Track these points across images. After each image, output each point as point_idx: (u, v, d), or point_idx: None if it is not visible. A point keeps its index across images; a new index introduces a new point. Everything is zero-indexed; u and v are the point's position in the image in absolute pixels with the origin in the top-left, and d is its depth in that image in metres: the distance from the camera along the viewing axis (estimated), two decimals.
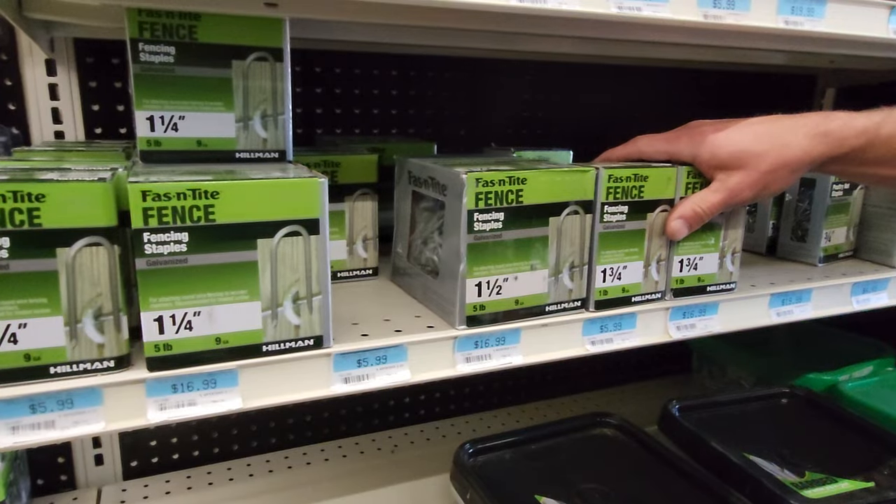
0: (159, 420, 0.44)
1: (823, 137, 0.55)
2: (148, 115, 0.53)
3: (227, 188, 0.43)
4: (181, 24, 0.52)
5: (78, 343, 0.42)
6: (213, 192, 0.43)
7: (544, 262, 0.55)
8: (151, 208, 0.41)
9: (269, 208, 0.45)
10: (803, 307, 0.70)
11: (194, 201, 0.42)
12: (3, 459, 0.72)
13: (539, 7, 0.47)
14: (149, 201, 0.41)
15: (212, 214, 0.43)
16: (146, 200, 0.41)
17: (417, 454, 1.01)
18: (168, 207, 0.42)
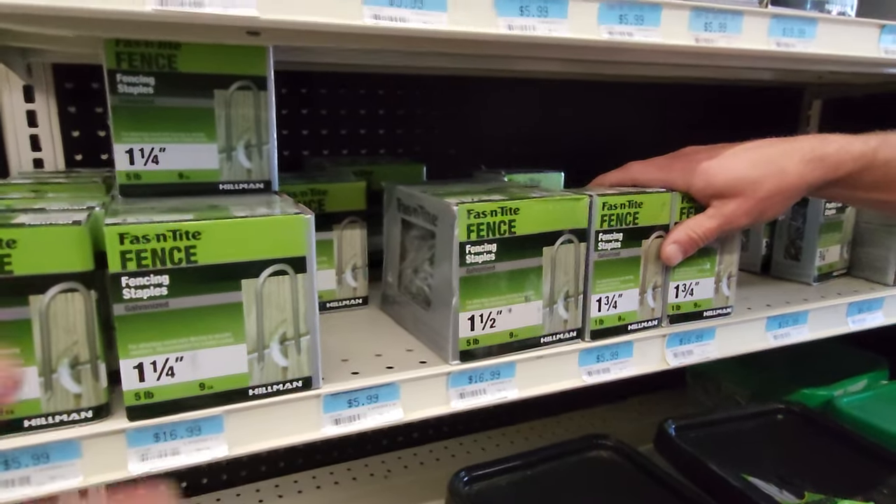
0: (141, 471, 0.42)
1: (820, 162, 0.54)
2: (127, 149, 0.51)
3: (208, 228, 0.41)
4: (161, 54, 0.51)
5: (53, 394, 0.40)
6: (194, 233, 0.41)
7: (538, 292, 0.54)
8: (129, 251, 0.40)
9: (254, 247, 0.43)
10: (800, 329, 0.69)
11: (175, 242, 0.41)
12: None
13: (529, 35, 0.46)
14: (127, 244, 0.39)
15: (193, 256, 0.41)
16: (124, 243, 0.39)
17: (411, 479, 0.99)
18: (147, 250, 0.40)
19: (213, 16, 0.38)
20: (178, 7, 0.37)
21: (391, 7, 0.42)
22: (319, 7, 0.40)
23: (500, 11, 0.45)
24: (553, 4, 0.47)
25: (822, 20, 0.59)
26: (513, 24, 0.46)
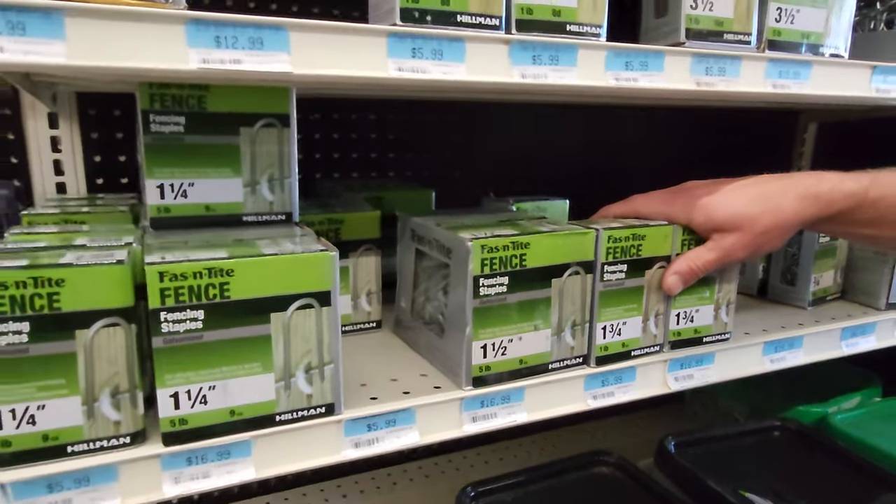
0: (175, 493, 0.45)
1: (814, 200, 0.57)
2: (158, 184, 0.54)
3: (241, 266, 0.44)
4: (191, 95, 0.54)
5: (95, 421, 0.43)
6: (228, 270, 0.44)
7: (547, 321, 0.57)
8: (168, 288, 0.42)
9: (282, 283, 0.46)
10: (795, 353, 0.72)
11: (210, 279, 0.43)
12: None
13: (541, 83, 0.49)
14: (166, 282, 0.42)
15: (227, 291, 0.44)
16: (164, 281, 0.42)
17: (417, 492, 1.02)
18: (185, 287, 0.43)
19: (252, 72, 0.41)
20: (219, 65, 0.40)
21: (413, 59, 0.45)
22: (347, 61, 0.43)
23: (514, 61, 0.48)
24: (563, 53, 0.50)
25: (816, 63, 0.62)
26: (526, 73, 0.49)
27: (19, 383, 0.40)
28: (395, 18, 0.47)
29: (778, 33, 0.62)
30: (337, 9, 0.88)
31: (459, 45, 0.47)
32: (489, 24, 0.50)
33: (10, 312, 0.39)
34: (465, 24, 0.50)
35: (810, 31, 0.64)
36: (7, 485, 0.41)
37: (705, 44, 0.59)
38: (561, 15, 0.53)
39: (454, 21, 0.49)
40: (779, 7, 0.62)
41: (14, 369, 0.40)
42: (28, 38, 0.35)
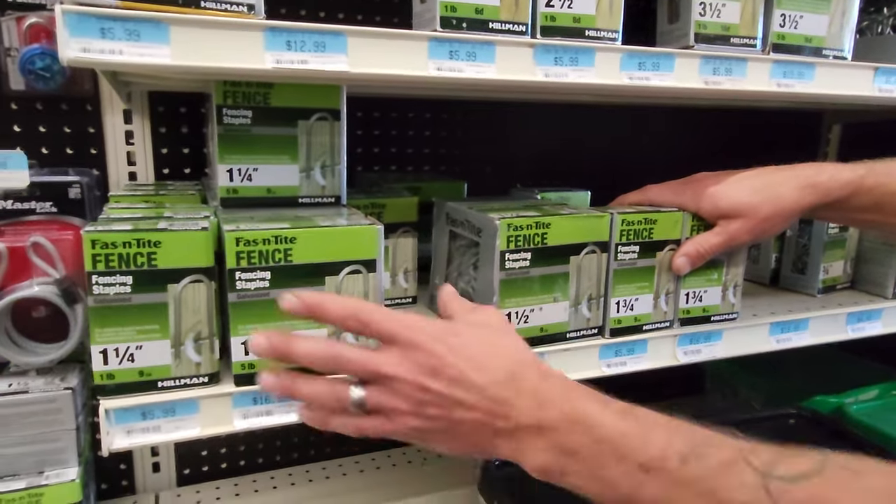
0: (243, 427, 0.53)
1: (813, 189, 0.63)
2: (228, 168, 0.62)
3: (302, 234, 0.52)
4: (258, 92, 0.62)
5: (180, 362, 0.51)
6: (291, 238, 0.52)
7: (566, 294, 0.63)
8: (242, 252, 0.50)
9: (336, 251, 0.54)
10: (801, 335, 0.77)
11: (276, 245, 0.51)
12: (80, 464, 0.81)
13: (562, 81, 0.56)
14: (241, 246, 0.50)
15: (290, 256, 0.52)
16: (239, 245, 0.50)
17: (446, 466, 1.09)
18: (256, 251, 0.51)
19: (315, 70, 0.48)
20: (289, 65, 0.48)
21: (451, 60, 0.53)
22: (394, 62, 0.51)
23: (539, 62, 0.55)
24: (582, 55, 0.57)
25: (819, 64, 0.68)
26: (549, 73, 0.56)
27: (123, 326, 0.49)
28: (435, 25, 0.55)
29: (782, 37, 0.68)
30: (378, 16, 0.96)
31: (491, 48, 0.54)
32: (517, 30, 0.58)
33: (118, 267, 0.48)
34: (496, 30, 0.57)
35: (813, 35, 0.70)
36: (111, 411, 0.49)
37: (713, 47, 0.65)
38: (581, 22, 0.60)
39: (486, 27, 0.57)
40: (783, 13, 0.67)
41: (119, 315, 0.49)
42: (142, 43, 0.44)
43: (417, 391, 0.44)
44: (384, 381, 0.45)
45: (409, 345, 0.44)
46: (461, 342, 0.45)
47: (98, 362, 0.49)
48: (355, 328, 0.46)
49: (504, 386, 0.45)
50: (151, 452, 0.98)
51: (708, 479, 0.40)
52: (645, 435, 0.43)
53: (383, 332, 0.45)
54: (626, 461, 0.42)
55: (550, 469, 0.44)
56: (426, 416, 0.44)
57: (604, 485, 0.43)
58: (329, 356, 0.45)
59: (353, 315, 0.45)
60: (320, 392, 0.46)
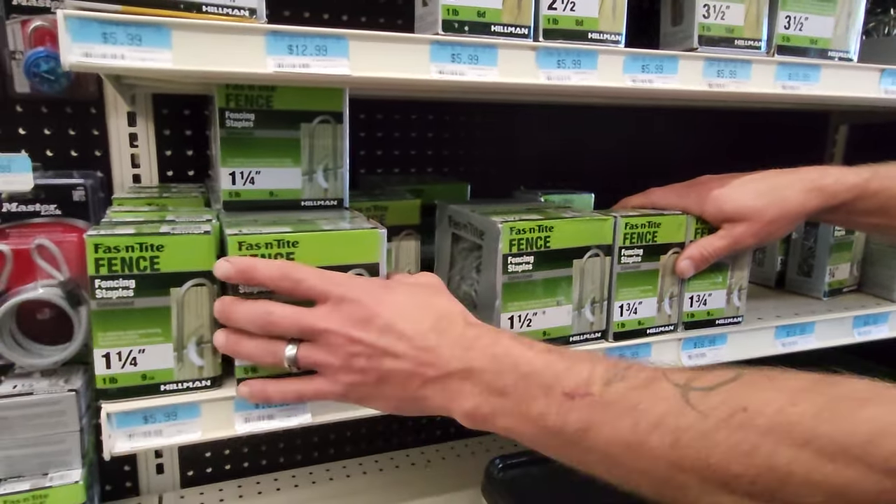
0: (245, 431, 0.53)
1: (818, 192, 0.63)
2: (230, 171, 0.62)
3: (305, 238, 0.52)
4: (260, 95, 0.62)
5: (183, 365, 0.51)
6: (293, 242, 0.52)
7: (569, 298, 0.63)
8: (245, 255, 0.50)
9: (339, 254, 0.53)
10: (807, 338, 0.76)
11: (279, 249, 0.51)
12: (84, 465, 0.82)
13: (564, 84, 0.56)
14: (243, 250, 0.50)
15: (292, 260, 0.52)
16: (241, 250, 0.50)
17: (449, 469, 1.09)
18: (258, 255, 0.51)
19: (317, 74, 0.48)
20: (290, 69, 0.48)
21: (453, 63, 0.53)
22: (396, 65, 0.51)
23: (541, 65, 0.55)
24: (585, 58, 0.57)
25: (825, 65, 0.67)
26: (551, 76, 0.55)
27: (125, 330, 0.49)
28: (437, 28, 0.55)
29: (787, 39, 0.68)
30: (382, 17, 0.96)
31: (493, 51, 0.54)
32: (519, 33, 0.57)
33: (121, 271, 0.48)
34: (498, 33, 0.57)
35: (818, 36, 0.69)
36: (112, 415, 0.49)
37: (717, 49, 0.65)
38: (583, 24, 0.59)
39: (488, 30, 0.56)
40: (788, 15, 0.67)
41: (122, 318, 0.49)
42: (143, 48, 0.44)
43: (347, 343, 0.45)
44: (316, 336, 0.46)
45: (340, 299, 0.46)
46: (391, 297, 0.47)
47: (101, 366, 0.49)
48: (287, 288, 0.47)
49: (431, 334, 0.46)
50: (155, 454, 0.98)
51: (630, 397, 0.41)
52: (569, 366, 0.44)
53: (315, 289, 0.47)
54: (552, 392, 0.43)
55: (480, 412, 0.45)
56: (357, 368, 0.46)
57: (532, 420, 0.43)
58: (261, 312, 0.47)
59: (284, 275, 0.47)
60: (257, 348, 0.48)
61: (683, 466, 0.38)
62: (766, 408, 0.36)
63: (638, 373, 0.42)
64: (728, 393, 0.38)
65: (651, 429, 0.39)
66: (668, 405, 0.39)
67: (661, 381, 0.41)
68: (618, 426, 0.40)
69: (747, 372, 0.40)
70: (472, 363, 0.45)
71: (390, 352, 0.45)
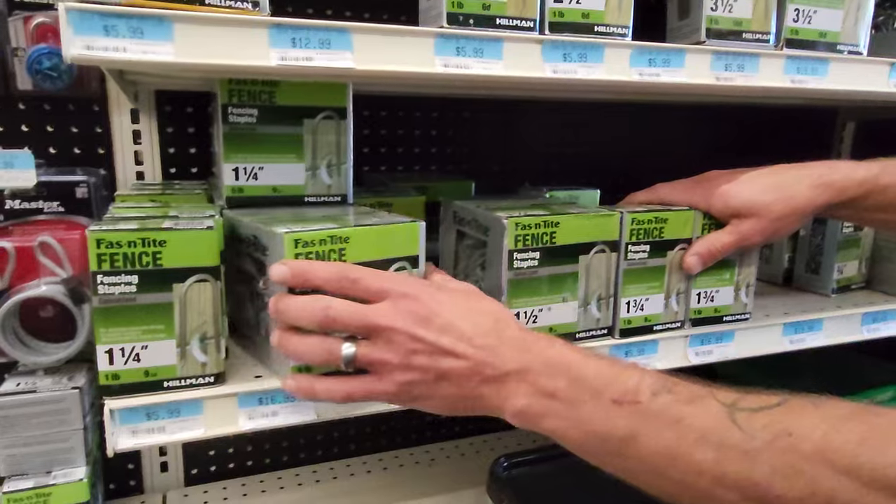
0: (249, 428, 0.52)
1: (827, 188, 0.62)
2: (233, 167, 0.62)
3: (355, 233, 0.51)
4: (263, 90, 0.62)
5: (186, 362, 0.51)
6: (345, 237, 0.51)
7: (575, 294, 0.63)
8: (301, 254, 0.49)
9: (385, 248, 0.53)
10: (815, 335, 0.76)
11: (332, 245, 0.51)
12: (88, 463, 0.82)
13: (571, 77, 0.55)
14: (300, 248, 0.49)
15: (343, 256, 0.51)
16: (297, 247, 0.49)
17: (453, 468, 1.08)
18: (313, 252, 0.50)
19: (321, 67, 0.48)
20: (294, 62, 0.47)
21: (457, 57, 0.52)
22: (400, 59, 0.51)
23: (546, 59, 0.55)
24: (591, 51, 0.56)
25: (834, 59, 0.67)
26: (557, 69, 0.55)
27: (128, 326, 0.49)
28: (441, 21, 0.54)
29: (796, 32, 0.67)
30: (386, 14, 0.96)
31: (498, 44, 0.53)
32: (525, 26, 0.57)
33: (123, 267, 0.47)
34: (503, 26, 0.56)
35: (827, 30, 0.68)
36: (115, 411, 0.49)
37: (725, 42, 0.64)
38: (590, 17, 0.59)
39: (493, 23, 0.56)
40: (796, 8, 0.66)
41: (124, 315, 0.48)
42: (145, 41, 0.43)
43: (409, 341, 0.45)
44: (376, 333, 0.46)
45: (400, 296, 0.46)
46: (447, 297, 0.48)
47: (103, 362, 0.49)
48: (346, 288, 0.47)
49: (490, 335, 0.46)
50: (159, 452, 0.98)
51: (676, 410, 0.41)
52: (618, 373, 0.45)
53: (373, 287, 0.46)
54: (601, 397, 0.43)
55: (531, 411, 0.45)
56: (415, 367, 0.45)
57: (579, 423, 0.44)
58: (321, 308, 0.46)
59: (342, 276, 0.47)
60: (311, 345, 0.47)
61: (726, 483, 0.39)
62: (810, 434, 0.37)
63: (685, 388, 0.43)
64: (773, 416, 0.39)
65: (695, 443, 0.40)
66: (713, 422, 0.40)
67: (708, 398, 0.41)
68: (663, 437, 0.41)
69: (793, 397, 0.40)
70: (528, 364, 0.46)
71: (450, 351, 0.45)
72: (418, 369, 0.45)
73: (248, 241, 0.55)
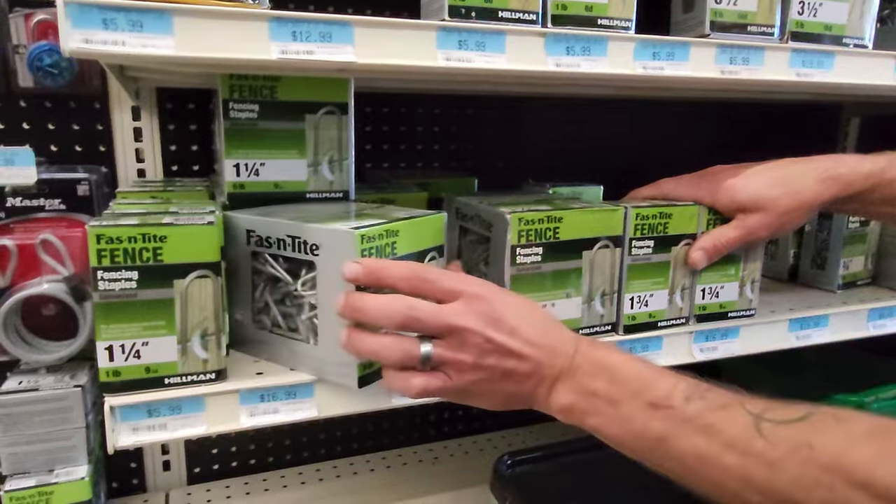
0: (250, 425, 0.52)
1: (833, 181, 0.61)
2: (235, 163, 0.62)
3: (403, 226, 0.53)
4: (264, 85, 0.61)
5: (187, 358, 0.50)
6: (395, 231, 0.52)
7: (578, 290, 0.62)
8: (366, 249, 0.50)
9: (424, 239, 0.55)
10: (821, 331, 0.75)
11: (387, 240, 0.51)
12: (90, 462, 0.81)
13: (574, 71, 0.55)
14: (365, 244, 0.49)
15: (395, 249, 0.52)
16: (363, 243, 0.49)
17: (457, 466, 1.08)
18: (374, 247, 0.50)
19: (322, 61, 0.48)
20: (294, 56, 0.47)
21: (459, 50, 0.52)
22: (402, 52, 0.50)
23: (550, 52, 0.54)
24: (595, 44, 0.56)
25: (839, 52, 0.66)
26: (560, 63, 0.54)
27: (129, 323, 0.48)
28: (443, 14, 0.54)
29: (801, 25, 0.66)
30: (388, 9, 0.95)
31: (500, 37, 0.53)
32: (527, 19, 0.56)
33: (123, 263, 0.47)
34: (505, 19, 0.56)
35: (833, 23, 0.68)
36: (116, 408, 0.49)
37: (729, 35, 0.63)
38: (593, 10, 0.58)
39: (496, 16, 0.55)
40: (802, 0, 0.65)
41: (125, 311, 0.48)
42: (145, 34, 0.43)
43: (483, 342, 0.47)
44: (453, 334, 0.47)
45: (473, 297, 0.48)
46: (508, 298, 0.50)
47: (104, 359, 0.48)
48: (418, 287, 0.48)
49: (548, 336, 0.49)
50: (162, 451, 0.98)
51: (707, 416, 0.44)
52: (655, 377, 0.48)
53: (446, 288, 0.48)
54: (638, 398, 0.47)
55: (577, 408, 0.49)
56: (485, 366, 0.48)
57: (618, 422, 0.47)
58: (403, 308, 0.47)
59: (415, 275, 0.49)
60: (388, 345, 0.48)
61: (751, 486, 0.42)
62: (829, 447, 0.39)
63: (717, 396, 0.45)
64: (797, 429, 0.41)
65: (723, 448, 0.43)
66: (740, 430, 0.42)
67: (737, 407, 0.44)
68: (693, 441, 0.44)
69: (817, 411, 0.42)
70: (577, 365, 0.49)
71: (517, 352, 0.48)
72: (487, 369, 0.48)
73: (276, 242, 0.54)
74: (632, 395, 0.47)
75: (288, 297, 0.56)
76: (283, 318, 0.56)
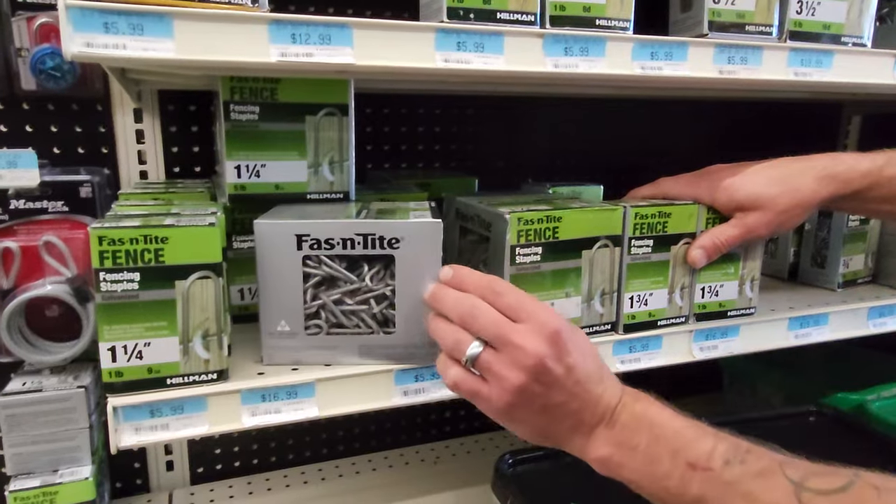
0: (252, 425, 0.52)
1: (831, 180, 0.61)
2: (236, 165, 0.62)
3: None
4: (265, 87, 0.62)
5: (189, 359, 0.51)
6: None
7: (578, 289, 0.62)
8: None
9: None
10: (821, 330, 0.75)
11: None
12: (93, 462, 0.82)
13: (572, 72, 0.55)
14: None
15: None
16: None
17: (459, 465, 1.08)
18: None
19: (321, 63, 0.48)
20: (294, 58, 0.47)
21: (458, 52, 0.52)
22: (400, 54, 0.50)
23: (548, 53, 0.54)
24: (593, 45, 0.56)
25: (838, 51, 0.66)
26: (558, 63, 0.55)
27: (131, 323, 0.49)
28: (442, 16, 0.54)
29: (799, 24, 0.66)
30: (388, 11, 0.95)
31: (499, 38, 0.53)
32: (525, 20, 0.57)
33: (125, 264, 0.48)
34: (504, 20, 0.56)
35: (831, 21, 0.68)
36: (119, 408, 0.49)
37: (727, 35, 0.63)
38: (591, 11, 0.58)
39: (494, 18, 0.56)
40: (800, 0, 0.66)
41: (127, 312, 0.48)
42: (145, 38, 0.43)
43: (535, 366, 0.46)
44: (508, 348, 0.47)
45: (540, 323, 0.47)
46: (577, 336, 0.49)
47: (106, 360, 0.49)
48: (487, 296, 0.49)
49: (599, 382, 0.49)
50: (165, 451, 0.98)
51: (747, 482, 0.43)
52: (695, 437, 0.47)
53: (513, 303, 0.48)
54: (677, 458, 0.46)
55: (612, 461, 0.48)
56: (528, 392, 0.47)
57: (655, 479, 0.46)
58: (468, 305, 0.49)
59: (487, 286, 0.50)
60: (447, 331, 0.50)
61: None
62: None
63: (757, 459, 0.44)
64: (838, 501, 0.41)
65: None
66: (780, 498, 0.42)
67: (777, 474, 0.43)
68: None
69: (860, 481, 0.42)
70: (616, 416, 0.49)
71: (567, 390, 0.47)
72: (530, 395, 0.47)
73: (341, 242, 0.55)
74: (671, 453, 0.46)
75: (347, 296, 0.56)
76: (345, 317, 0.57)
